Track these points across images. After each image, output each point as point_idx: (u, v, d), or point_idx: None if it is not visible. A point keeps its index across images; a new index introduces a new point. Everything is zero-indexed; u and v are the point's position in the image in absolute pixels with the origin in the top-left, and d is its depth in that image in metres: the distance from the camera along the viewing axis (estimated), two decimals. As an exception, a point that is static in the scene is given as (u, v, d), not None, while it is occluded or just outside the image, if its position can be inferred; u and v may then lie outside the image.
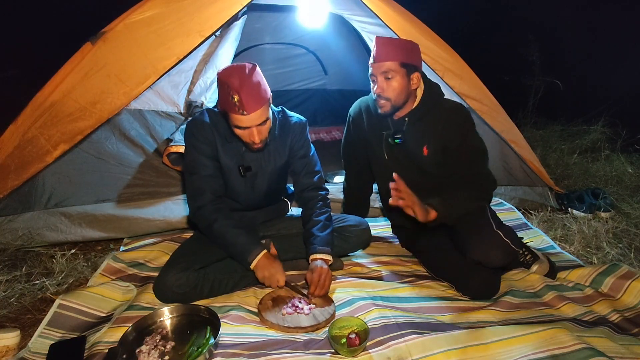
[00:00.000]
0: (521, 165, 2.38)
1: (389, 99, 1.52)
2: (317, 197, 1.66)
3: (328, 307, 1.43)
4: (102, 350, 1.19)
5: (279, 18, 3.80)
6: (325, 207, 1.66)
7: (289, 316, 1.39)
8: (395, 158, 1.67)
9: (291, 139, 1.63)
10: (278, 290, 1.52)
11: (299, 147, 1.64)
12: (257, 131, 1.40)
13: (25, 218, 1.92)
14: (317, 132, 4.17)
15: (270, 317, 1.37)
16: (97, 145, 1.93)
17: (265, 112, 1.38)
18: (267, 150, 1.59)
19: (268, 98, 1.40)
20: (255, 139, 1.41)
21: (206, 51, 1.99)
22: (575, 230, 2.10)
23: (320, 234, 1.56)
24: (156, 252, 1.82)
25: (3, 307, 1.53)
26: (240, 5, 1.87)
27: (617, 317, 1.39)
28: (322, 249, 1.52)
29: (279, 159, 1.62)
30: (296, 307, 1.42)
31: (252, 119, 1.35)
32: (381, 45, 1.48)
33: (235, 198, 1.66)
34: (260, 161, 1.59)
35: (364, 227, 1.76)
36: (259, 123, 1.38)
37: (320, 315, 1.39)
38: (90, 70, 1.79)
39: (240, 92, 1.30)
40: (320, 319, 1.36)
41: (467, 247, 1.52)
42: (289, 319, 1.38)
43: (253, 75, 1.33)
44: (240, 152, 1.56)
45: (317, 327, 1.34)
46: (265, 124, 1.42)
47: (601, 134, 3.53)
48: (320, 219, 1.60)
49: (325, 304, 1.44)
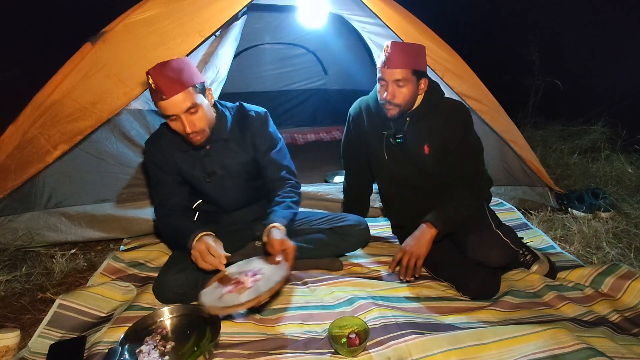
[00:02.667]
0: (521, 165, 2.38)
1: (399, 105, 1.52)
2: (284, 185, 1.58)
3: (276, 274, 1.25)
4: (102, 350, 1.19)
5: (279, 18, 3.80)
6: (294, 193, 1.57)
7: (228, 295, 1.23)
8: (395, 158, 1.67)
9: (251, 134, 1.57)
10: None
11: (260, 141, 1.58)
12: (187, 120, 1.35)
13: (25, 218, 1.92)
14: (317, 132, 4.17)
15: (205, 299, 1.24)
16: (97, 145, 1.93)
17: (189, 98, 1.33)
18: (228, 148, 1.55)
19: (194, 84, 1.35)
20: (186, 129, 1.36)
21: (206, 51, 1.99)
22: (575, 230, 2.10)
23: (279, 209, 1.46)
24: (156, 252, 1.82)
25: (3, 307, 1.53)
26: (240, 5, 1.87)
27: (617, 317, 1.39)
28: (278, 219, 1.41)
29: (242, 156, 1.58)
30: (237, 283, 1.27)
31: (173, 103, 1.31)
32: (396, 52, 1.45)
33: (212, 202, 1.66)
34: (222, 162, 1.56)
35: (364, 226, 1.74)
36: (184, 109, 1.33)
37: (263, 286, 1.21)
38: (90, 70, 1.79)
39: (156, 76, 1.29)
40: (263, 290, 1.19)
41: (467, 247, 1.53)
42: (227, 297, 1.21)
43: (173, 62, 1.33)
44: (200, 158, 1.54)
45: (258, 299, 1.16)
46: (196, 113, 1.37)
47: (601, 134, 3.53)
48: (283, 200, 1.51)
49: (276, 273, 1.26)
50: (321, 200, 2.27)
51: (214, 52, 1.97)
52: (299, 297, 1.53)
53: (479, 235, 1.52)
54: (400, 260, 1.48)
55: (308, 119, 4.39)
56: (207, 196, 1.64)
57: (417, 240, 1.48)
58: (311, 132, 4.17)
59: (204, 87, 1.43)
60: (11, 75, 3.98)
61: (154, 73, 1.29)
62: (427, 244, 1.48)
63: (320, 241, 1.71)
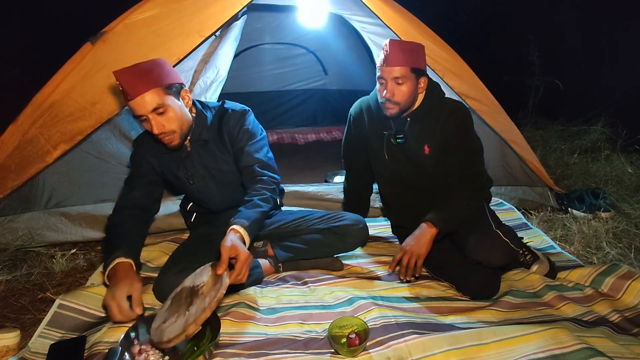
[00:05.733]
0: (521, 165, 2.38)
1: (398, 103, 1.52)
2: (254, 180, 1.47)
3: (209, 296, 1.11)
4: (102, 350, 1.19)
5: (279, 18, 3.80)
6: (265, 189, 1.44)
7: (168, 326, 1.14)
8: (395, 158, 1.68)
9: (228, 132, 1.54)
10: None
11: (237, 139, 1.53)
12: (154, 121, 1.32)
13: (25, 218, 1.92)
14: (317, 132, 4.17)
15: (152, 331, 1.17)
16: (97, 145, 1.93)
17: (156, 98, 1.31)
18: (207, 149, 1.54)
19: (163, 85, 1.33)
20: (154, 130, 1.33)
21: (206, 51, 1.99)
22: (575, 230, 2.10)
23: (244, 209, 1.36)
24: (156, 252, 1.81)
25: (3, 307, 1.53)
26: (240, 5, 1.87)
27: (617, 317, 1.39)
28: (238, 221, 1.29)
29: (222, 156, 1.56)
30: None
31: (139, 104, 1.29)
32: (394, 50, 1.46)
33: (199, 204, 1.65)
34: (203, 164, 1.55)
35: (362, 225, 1.71)
36: (150, 110, 1.31)
37: (191, 316, 1.10)
38: (90, 70, 1.79)
39: (120, 76, 1.27)
40: (190, 321, 1.08)
41: (467, 247, 1.53)
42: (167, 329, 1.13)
43: (143, 63, 1.31)
44: (181, 159, 1.53)
45: (185, 334, 1.07)
46: (164, 114, 1.34)
47: (601, 134, 3.53)
48: (251, 198, 1.40)
49: (210, 293, 1.12)
50: (321, 200, 2.28)
51: (214, 52, 1.97)
52: (299, 297, 1.53)
53: (479, 235, 1.52)
54: (401, 260, 1.48)
55: (308, 119, 4.40)
56: (193, 198, 1.64)
57: (417, 239, 1.48)
58: (311, 132, 4.17)
59: (180, 88, 1.41)
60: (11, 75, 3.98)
61: (117, 74, 1.28)
62: (427, 244, 1.48)
63: (318, 242, 1.69)
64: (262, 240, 1.74)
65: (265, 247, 1.74)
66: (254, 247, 1.74)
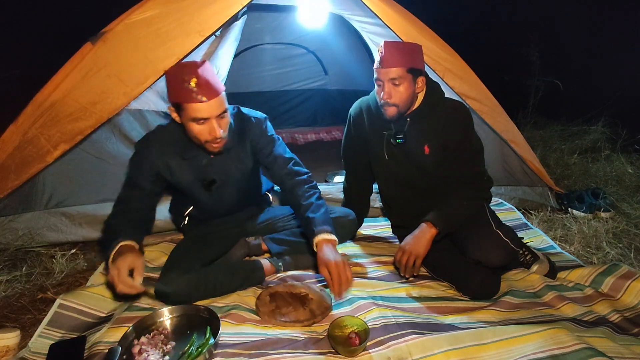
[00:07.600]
0: (521, 165, 2.38)
1: (397, 104, 1.51)
2: (299, 183, 1.52)
3: None
4: (102, 350, 1.19)
5: (279, 18, 3.80)
6: (312, 188, 1.52)
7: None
8: (395, 158, 1.68)
9: (251, 141, 1.54)
10: (275, 287, 1.49)
11: (261, 146, 1.55)
12: (217, 125, 1.31)
13: (25, 218, 1.92)
14: (317, 132, 4.17)
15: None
16: (97, 145, 1.93)
17: (223, 103, 1.32)
18: (229, 157, 1.51)
19: (224, 89, 1.34)
20: (217, 133, 1.31)
21: (206, 51, 1.99)
22: (575, 230, 2.10)
23: (314, 215, 1.41)
24: (156, 252, 1.81)
25: (3, 307, 1.53)
26: (240, 5, 1.87)
27: (617, 317, 1.39)
28: (322, 228, 1.37)
29: (244, 164, 1.55)
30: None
31: (212, 106, 1.28)
32: (389, 51, 1.46)
33: (203, 211, 1.63)
34: (224, 171, 1.52)
35: (351, 217, 1.72)
36: (218, 114, 1.31)
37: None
38: (90, 70, 1.79)
39: (198, 76, 1.24)
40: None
41: (467, 247, 1.53)
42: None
43: (208, 64, 1.30)
44: (201, 166, 1.49)
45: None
46: (224, 117, 1.35)
47: (601, 134, 3.53)
48: (310, 201, 1.45)
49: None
50: (321, 200, 2.27)
51: (214, 52, 1.97)
52: (299, 297, 1.53)
53: (479, 235, 1.52)
54: (400, 259, 1.48)
55: (308, 119, 4.40)
56: (202, 204, 1.60)
57: (417, 239, 1.48)
58: (311, 132, 4.17)
59: None
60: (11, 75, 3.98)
61: (197, 72, 1.24)
62: (426, 244, 1.48)
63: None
64: (256, 236, 1.75)
65: (259, 242, 1.75)
66: (247, 242, 1.74)
